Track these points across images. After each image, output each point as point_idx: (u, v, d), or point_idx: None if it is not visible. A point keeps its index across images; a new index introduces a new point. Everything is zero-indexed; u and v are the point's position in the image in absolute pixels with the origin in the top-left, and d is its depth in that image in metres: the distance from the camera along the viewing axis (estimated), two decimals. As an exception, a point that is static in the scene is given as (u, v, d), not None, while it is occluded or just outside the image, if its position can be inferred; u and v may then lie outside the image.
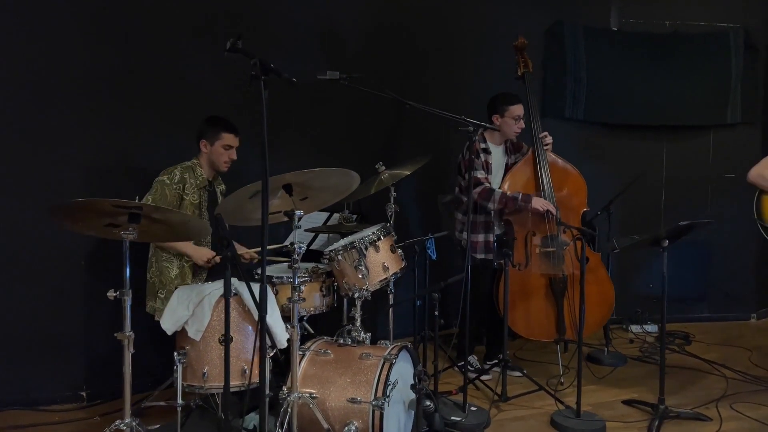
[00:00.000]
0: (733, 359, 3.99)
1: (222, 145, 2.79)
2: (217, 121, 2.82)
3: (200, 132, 2.82)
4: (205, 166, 2.82)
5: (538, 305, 3.38)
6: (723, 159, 5.07)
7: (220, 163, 2.80)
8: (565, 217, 3.32)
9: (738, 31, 4.92)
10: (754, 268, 5.16)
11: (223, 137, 2.79)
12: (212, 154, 2.79)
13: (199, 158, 2.82)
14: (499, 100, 3.43)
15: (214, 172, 2.87)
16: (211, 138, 2.78)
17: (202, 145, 2.80)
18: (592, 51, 4.76)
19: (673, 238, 2.95)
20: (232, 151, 2.81)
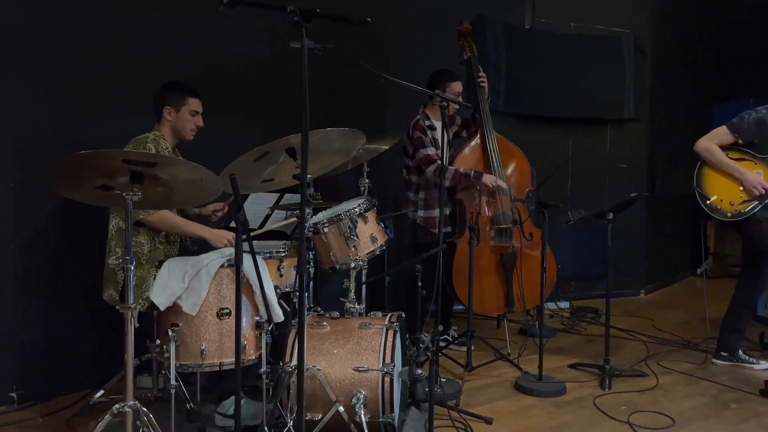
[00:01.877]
0: (642, 327, 4.45)
1: (189, 111, 2.59)
2: (180, 85, 2.62)
3: (162, 98, 2.59)
4: (168, 136, 2.60)
5: (489, 280, 3.53)
6: (618, 150, 5.62)
7: (186, 131, 2.60)
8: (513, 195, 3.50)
9: (629, 36, 5.49)
10: (643, 250, 5.79)
11: (190, 102, 2.59)
12: (178, 121, 2.59)
13: (161, 128, 2.60)
14: (441, 76, 3.52)
15: (176, 143, 2.66)
16: (176, 104, 2.58)
17: (166, 113, 2.58)
18: (510, 46, 5.05)
19: (617, 211, 3.22)
20: (198, 117, 2.62)
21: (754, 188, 3.18)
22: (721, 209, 3.28)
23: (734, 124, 3.28)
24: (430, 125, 3.53)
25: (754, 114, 3.25)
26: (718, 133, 3.32)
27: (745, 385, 3.11)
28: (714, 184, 3.32)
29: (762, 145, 3.25)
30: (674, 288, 6.30)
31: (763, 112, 3.25)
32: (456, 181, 3.40)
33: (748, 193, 3.20)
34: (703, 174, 3.35)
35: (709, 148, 3.31)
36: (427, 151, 3.41)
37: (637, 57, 5.53)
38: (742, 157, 3.29)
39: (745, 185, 3.21)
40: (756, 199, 3.20)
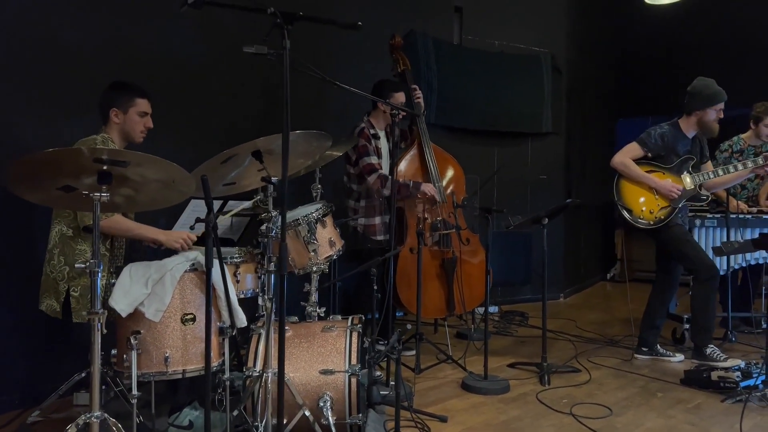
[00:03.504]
0: (567, 328, 4.72)
1: (137, 112, 2.50)
2: (127, 86, 2.52)
3: (109, 100, 2.49)
4: (117, 139, 2.49)
5: (431, 285, 3.63)
6: (538, 162, 5.96)
7: (135, 133, 2.50)
8: (450, 202, 3.64)
9: (547, 55, 5.86)
10: (562, 256, 6.15)
11: (138, 103, 2.50)
12: (126, 123, 2.49)
13: (108, 131, 2.49)
14: (386, 87, 3.62)
15: (124, 146, 2.55)
16: (123, 105, 2.48)
17: (113, 115, 2.48)
18: (440, 62, 5.24)
19: (552, 216, 3.43)
20: (148, 118, 2.54)
21: (670, 192, 3.52)
22: (643, 218, 3.57)
23: (643, 140, 3.63)
24: (375, 134, 3.60)
25: (659, 129, 3.63)
26: (629, 148, 3.65)
27: (666, 376, 3.39)
28: (633, 196, 3.62)
29: (667, 157, 3.62)
30: (589, 292, 6.73)
31: (665, 128, 3.63)
32: (396, 191, 3.49)
33: (665, 199, 3.53)
34: (622, 188, 3.65)
35: (625, 162, 3.62)
36: (370, 160, 3.48)
37: (554, 75, 5.91)
38: (652, 169, 3.64)
39: (661, 192, 3.55)
40: (672, 203, 3.52)
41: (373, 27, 4.84)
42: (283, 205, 1.66)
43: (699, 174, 3.61)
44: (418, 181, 3.56)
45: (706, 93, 3.53)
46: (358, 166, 3.52)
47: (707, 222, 4.20)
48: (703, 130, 3.60)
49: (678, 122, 3.67)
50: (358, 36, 4.72)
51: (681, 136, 3.64)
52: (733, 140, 4.64)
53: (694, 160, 3.61)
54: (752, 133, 4.57)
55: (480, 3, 5.57)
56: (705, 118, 3.55)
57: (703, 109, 3.54)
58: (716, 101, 3.51)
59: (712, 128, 3.58)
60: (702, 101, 3.54)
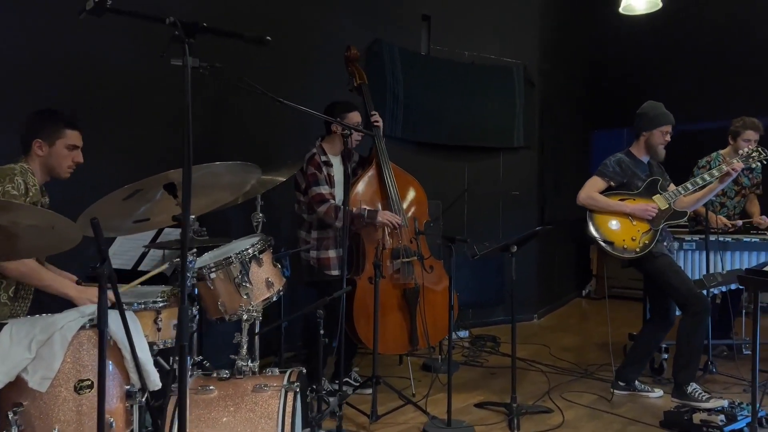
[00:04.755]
0: (539, 355, 4.46)
1: (65, 145, 2.17)
2: (54, 115, 2.19)
3: (33, 129, 2.16)
4: (38, 172, 2.16)
5: (392, 318, 3.33)
6: (510, 178, 5.72)
7: (62, 168, 2.17)
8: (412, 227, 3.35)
9: (519, 66, 5.63)
10: (535, 274, 5.90)
11: (67, 135, 2.17)
12: (51, 157, 2.16)
13: (29, 162, 2.15)
14: (337, 108, 3.32)
15: (46, 180, 2.22)
16: (49, 137, 2.15)
17: (36, 147, 2.14)
18: (407, 72, 4.97)
19: (521, 244, 3.16)
20: (78, 152, 2.20)
21: (647, 212, 3.32)
22: (627, 248, 3.33)
23: (601, 171, 3.46)
24: (327, 161, 3.30)
25: (613, 158, 3.48)
26: (591, 183, 3.47)
27: (645, 416, 3.13)
28: (610, 228, 3.39)
29: (631, 182, 3.45)
30: (564, 311, 6.50)
31: (619, 155, 3.49)
32: (349, 222, 3.19)
33: (642, 221, 3.31)
34: (597, 222, 3.42)
35: (591, 195, 3.43)
36: (320, 190, 3.18)
37: (526, 87, 5.68)
38: (621, 198, 3.46)
39: (637, 215, 3.33)
40: (652, 225, 3.30)
41: (337, 37, 4.56)
42: (183, 255, 1.34)
43: (669, 193, 3.44)
44: (373, 210, 3.25)
45: (652, 114, 3.42)
46: (308, 195, 3.22)
47: (686, 245, 3.98)
48: (650, 154, 3.48)
49: (630, 150, 3.55)
50: (321, 47, 4.43)
51: (636, 161, 3.50)
52: (712, 156, 4.43)
53: (660, 180, 3.46)
54: (731, 148, 4.36)
55: (449, 12, 5.32)
56: (651, 140, 3.43)
57: (650, 131, 3.42)
58: (662, 123, 3.40)
59: (658, 151, 3.46)
60: (648, 122, 3.43)
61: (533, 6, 5.79)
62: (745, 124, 4.24)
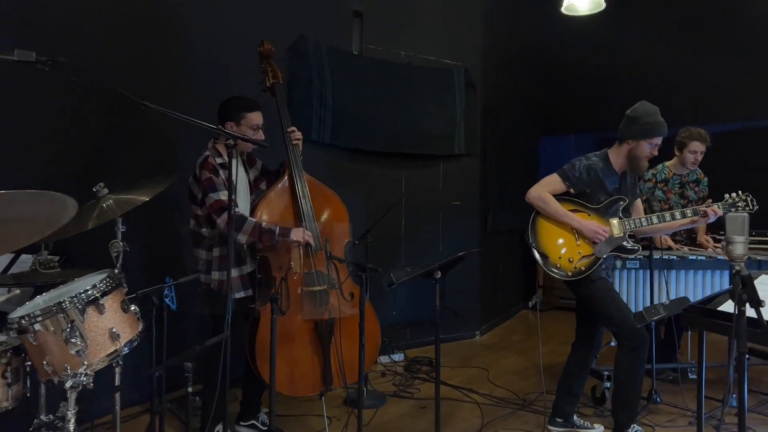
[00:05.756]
0: (476, 381, 4.12)
1: None
2: None
3: None
4: None
5: (302, 355, 2.91)
6: (451, 187, 5.37)
7: None
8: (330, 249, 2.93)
9: (460, 69, 5.29)
10: (477, 289, 5.57)
11: None
12: None
13: None
14: (234, 106, 2.86)
15: None
16: None
17: None
18: (336, 73, 4.56)
19: (446, 270, 2.79)
20: None
21: (596, 235, 2.92)
22: (560, 267, 2.97)
23: (565, 172, 3.01)
24: (223, 163, 2.85)
25: (585, 161, 3.00)
26: (549, 181, 3.03)
27: (582, 461, 2.81)
28: (550, 239, 3.01)
29: (593, 194, 3.00)
30: (509, 324, 6.20)
31: (593, 159, 3.01)
32: (256, 237, 2.75)
33: (588, 244, 2.95)
34: (538, 227, 3.04)
35: (543, 196, 2.99)
36: (218, 196, 2.72)
37: (467, 90, 5.35)
38: (575, 208, 3.02)
39: (585, 234, 2.94)
40: (596, 252, 2.95)
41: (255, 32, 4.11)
42: None
43: (630, 220, 3.00)
44: (286, 227, 2.83)
45: (646, 121, 2.91)
46: (206, 205, 2.76)
47: (629, 263, 3.70)
48: (631, 165, 3.00)
49: (607, 153, 3.05)
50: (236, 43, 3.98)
51: (610, 170, 3.02)
52: (657, 168, 4.18)
53: (625, 202, 3.00)
54: (677, 160, 4.12)
55: (384, 8, 4.93)
56: (636, 152, 2.95)
57: (637, 140, 2.93)
58: (655, 134, 2.91)
59: (640, 165, 2.98)
60: (639, 130, 2.92)
61: (475, 5, 5.46)
62: (692, 135, 3.99)
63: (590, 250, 2.97)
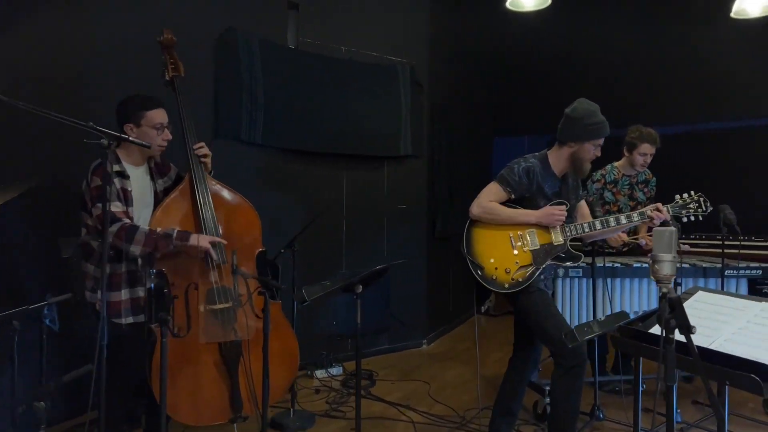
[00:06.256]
0: (416, 397, 3.88)
1: None
2: None
3: None
4: None
5: (207, 380, 2.60)
6: (396, 190, 5.12)
7: None
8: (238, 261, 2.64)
9: (405, 66, 5.04)
10: (426, 296, 5.33)
11: None
12: None
13: None
14: (132, 105, 2.54)
15: None
16: None
17: None
18: (269, 68, 4.26)
19: (367, 282, 2.53)
20: None
21: (553, 217, 2.71)
22: (496, 279, 2.75)
23: (504, 177, 2.79)
24: (120, 171, 2.53)
25: (523, 163, 2.78)
26: (490, 191, 2.81)
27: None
28: (486, 249, 2.79)
29: (533, 199, 2.79)
30: (459, 331, 5.99)
31: (531, 161, 2.79)
32: (151, 246, 2.43)
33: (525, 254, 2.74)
34: (473, 237, 2.82)
35: (488, 207, 2.77)
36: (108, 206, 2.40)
37: (413, 89, 5.10)
38: None
39: (544, 222, 2.73)
40: (535, 262, 2.74)
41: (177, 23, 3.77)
42: None
43: (572, 225, 2.78)
44: (185, 231, 2.52)
45: (588, 122, 2.69)
46: (94, 216, 2.45)
47: (572, 271, 3.51)
48: (574, 168, 2.79)
49: (547, 155, 2.84)
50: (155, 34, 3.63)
51: (549, 173, 2.80)
52: (606, 169, 4.00)
53: (566, 206, 2.77)
54: (626, 161, 3.95)
55: (322, 0, 4.65)
56: (580, 154, 2.73)
57: (580, 143, 2.71)
58: (600, 135, 2.70)
59: (583, 167, 2.77)
60: (583, 132, 2.70)
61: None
62: (642, 136, 3.81)
63: (528, 260, 2.75)
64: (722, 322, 1.68)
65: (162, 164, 2.78)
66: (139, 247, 2.40)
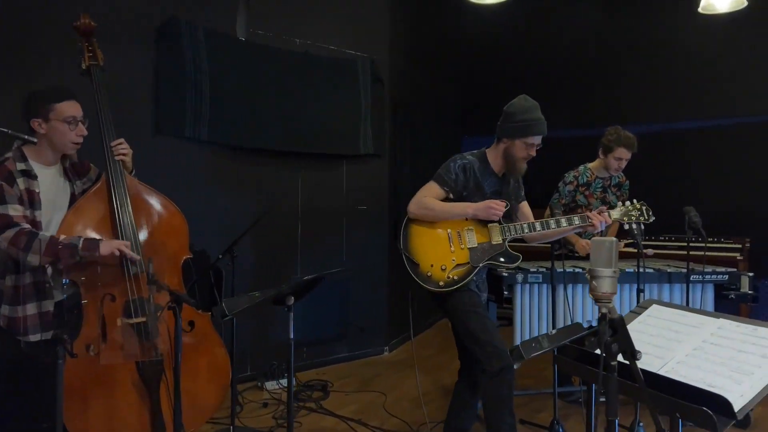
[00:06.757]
0: (370, 411, 3.67)
1: None
2: None
3: None
4: None
5: (124, 403, 2.35)
6: (356, 190, 4.90)
7: None
8: (159, 269, 2.39)
9: (365, 60, 4.82)
10: (387, 301, 5.11)
11: None
12: None
13: None
14: (39, 97, 2.29)
15: None
16: None
17: None
18: (216, 61, 4.00)
19: (300, 293, 2.30)
20: None
21: (491, 210, 2.58)
22: (432, 276, 2.63)
23: (441, 176, 2.68)
24: (27, 170, 2.27)
25: (460, 160, 2.68)
26: (427, 190, 2.70)
27: None
28: (422, 245, 2.67)
29: (471, 197, 2.67)
30: (424, 337, 5.78)
31: (469, 158, 2.70)
32: (52, 256, 2.17)
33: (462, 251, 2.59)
34: (410, 233, 2.69)
35: (425, 202, 2.66)
36: (6, 209, 2.16)
37: (374, 85, 4.88)
38: None
39: (481, 215, 2.60)
40: (472, 261, 2.57)
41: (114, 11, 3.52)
42: None
43: (511, 225, 2.65)
44: (94, 239, 2.27)
45: (520, 119, 2.59)
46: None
47: (531, 277, 3.33)
48: (507, 165, 2.69)
49: (486, 153, 2.74)
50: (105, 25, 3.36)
51: (488, 171, 2.70)
52: (579, 170, 3.82)
53: (506, 204, 2.64)
54: (600, 163, 3.77)
55: (275, -10, 4.41)
56: (512, 151, 2.64)
57: (511, 140, 2.62)
58: (527, 133, 2.59)
59: (517, 166, 2.67)
60: (512, 128, 2.61)
61: (382, -10, 5.00)
62: (619, 140, 3.61)
63: (465, 258, 2.62)
64: (676, 342, 1.49)
65: (80, 164, 2.52)
66: (37, 257, 2.14)
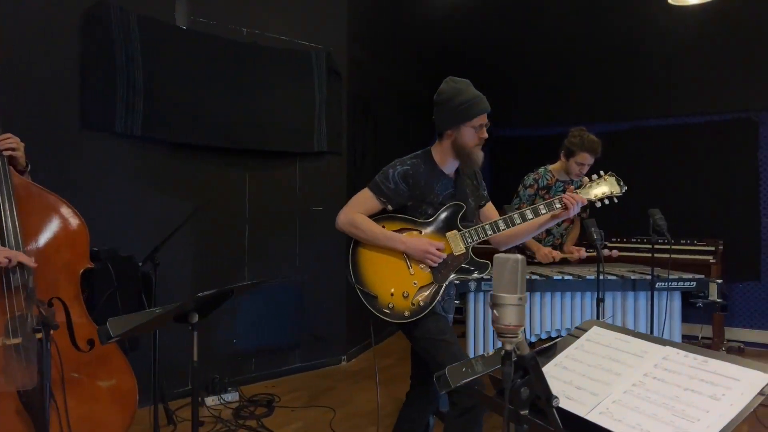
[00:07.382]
0: (316, 427, 3.38)
1: None
2: None
3: None
4: None
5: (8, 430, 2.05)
6: (310, 190, 4.61)
7: None
8: (52, 281, 2.09)
9: (321, 53, 4.53)
10: (346, 308, 4.82)
11: None
12: None
13: None
14: None
15: None
16: None
17: None
18: (151, 49, 3.69)
19: (206, 310, 2.01)
20: None
21: (427, 255, 2.23)
22: (395, 307, 2.25)
23: (377, 185, 2.32)
24: None
25: (400, 167, 2.31)
26: (361, 198, 2.35)
27: None
28: (376, 272, 2.29)
29: (419, 206, 2.32)
30: (386, 345, 5.49)
31: (410, 163, 2.32)
32: None
33: (422, 270, 2.27)
34: (360, 259, 2.32)
35: (353, 220, 2.30)
36: None
37: (330, 78, 4.60)
38: (403, 227, 2.31)
39: (414, 255, 2.25)
40: (436, 280, 2.27)
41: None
42: None
43: (472, 230, 2.32)
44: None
45: (456, 103, 2.26)
46: None
47: (485, 285, 3.06)
48: (461, 159, 2.33)
49: (431, 152, 2.38)
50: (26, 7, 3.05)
51: (437, 173, 2.34)
52: (540, 173, 3.55)
53: (463, 208, 2.33)
54: (562, 165, 3.51)
55: (219, -26, 4.11)
56: (461, 141, 2.28)
57: (455, 127, 2.28)
58: (473, 113, 2.25)
59: (472, 157, 2.31)
60: (453, 115, 2.27)
61: (338, -22, 4.72)
62: (582, 144, 3.34)
63: (428, 278, 2.28)
64: (614, 374, 1.23)
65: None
66: None
